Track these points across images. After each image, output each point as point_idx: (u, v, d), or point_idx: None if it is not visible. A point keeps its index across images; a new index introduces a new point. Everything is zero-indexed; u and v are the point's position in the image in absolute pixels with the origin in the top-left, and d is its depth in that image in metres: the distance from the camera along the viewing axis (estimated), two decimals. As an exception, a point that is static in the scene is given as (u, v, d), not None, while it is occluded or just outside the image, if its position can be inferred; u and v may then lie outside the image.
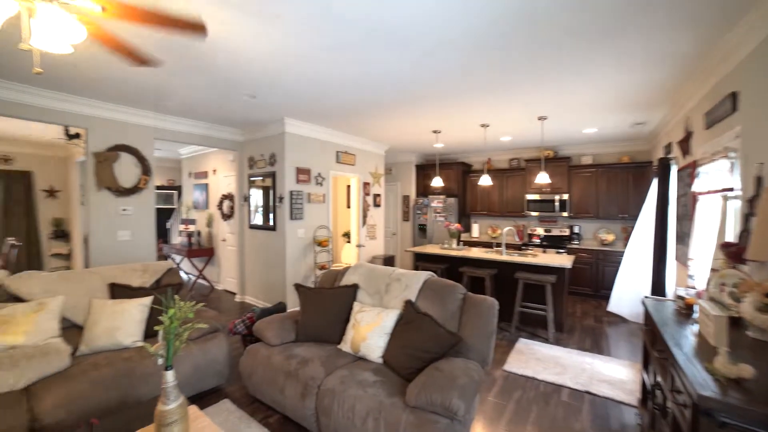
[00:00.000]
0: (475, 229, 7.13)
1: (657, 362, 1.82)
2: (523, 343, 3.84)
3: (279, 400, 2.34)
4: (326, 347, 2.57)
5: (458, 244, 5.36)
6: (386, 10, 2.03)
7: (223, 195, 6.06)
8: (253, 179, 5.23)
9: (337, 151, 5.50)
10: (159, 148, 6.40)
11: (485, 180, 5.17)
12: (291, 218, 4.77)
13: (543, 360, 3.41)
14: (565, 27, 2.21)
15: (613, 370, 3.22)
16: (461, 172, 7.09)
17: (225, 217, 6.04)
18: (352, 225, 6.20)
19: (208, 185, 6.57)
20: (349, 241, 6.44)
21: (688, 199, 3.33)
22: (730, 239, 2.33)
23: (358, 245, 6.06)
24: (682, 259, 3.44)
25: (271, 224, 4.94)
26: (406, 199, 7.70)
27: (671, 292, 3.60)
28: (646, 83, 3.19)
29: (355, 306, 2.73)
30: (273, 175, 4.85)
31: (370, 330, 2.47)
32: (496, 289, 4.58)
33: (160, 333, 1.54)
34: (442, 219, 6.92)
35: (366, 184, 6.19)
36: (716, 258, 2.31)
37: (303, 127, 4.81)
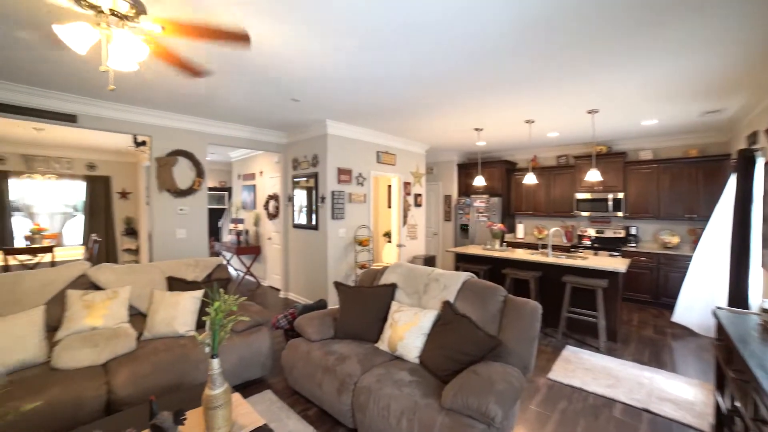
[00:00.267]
0: (520, 230, 6.83)
1: (734, 384, 1.61)
2: (571, 351, 3.61)
3: (317, 394, 2.41)
4: (364, 345, 2.59)
5: (501, 245, 5.17)
6: (427, 6, 2.01)
7: (269, 195, 6.37)
8: (296, 180, 5.44)
9: (377, 152, 5.55)
10: (212, 152, 6.90)
11: (530, 178, 4.94)
12: (332, 218, 4.89)
13: (593, 370, 3.18)
14: (620, 8, 2.04)
15: (679, 388, 2.89)
16: (505, 171, 6.84)
17: (271, 216, 6.34)
18: (392, 225, 6.22)
19: (255, 186, 6.93)
20: (389, 241, 6.47)
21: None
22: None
23: (399, 245, 6.06)
24: (769, 266, 3.03)
25: (313, 224, 5.10)
26: (447, 198, 7.58)
27: (756, 303, 3.18)
28: (720, 66, 2.82)
29: (393, 305, 2.74)
30: (315, 176, 5.01)
31: (408, 330, 2.46)
32: (541, 292, 4.35)
33: (207, 323, 1.65)
34: (484, 219, 6.72)
35: (407, 183, 6.18)
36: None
37: (344, 128, 4.91)
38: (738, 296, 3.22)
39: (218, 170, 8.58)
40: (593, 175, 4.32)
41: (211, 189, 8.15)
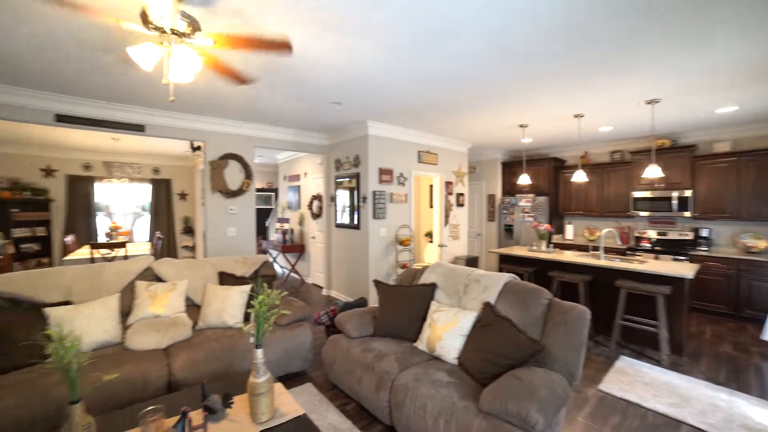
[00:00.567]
0: (569, 231, 6.45)
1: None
2: (626, 362, 3.33)
3: (356, 390, 2.46)
4: (402, 344, 2.60)
5: (548, 246, 4.91)
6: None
7: (313, 196, 6.59)
8: (339, 180, 5.58)
9: (418, 151, 5.53)
10: (260, 155, 7.28)
11: (579, 176, 4.65)
12: (374, 217, 4.95)
13: (653, 385, 2.90)
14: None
15: (769, 418, 2.49)
16: (553, 169, 6.49)
17: (314, 216, 6.55)
18: (434, 225, 6.16)
19: (300, 187, 7.21)
20: (431, 241, 6.41)
21: None
22: None
23: (440, 245, 5.99)
24: None
25: (355, 223, 5.20)
26: (491, 198, 7.36)
27: None
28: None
29: (433, 305, 2.72)
30: (357, 176, 5.10)
31: (447, 330, 2.42)
32: (591, 297, 4.08)
33: (252, 315, 1.75)
34: (530, 219, 6.43)
35: (448, 183, 6.09)
36: None
37: (385, 128, 4.96)
38: None
39: (265, 172, 9.04)
40: (653, 172, 3.97)
41: (258, 190, 8.62)
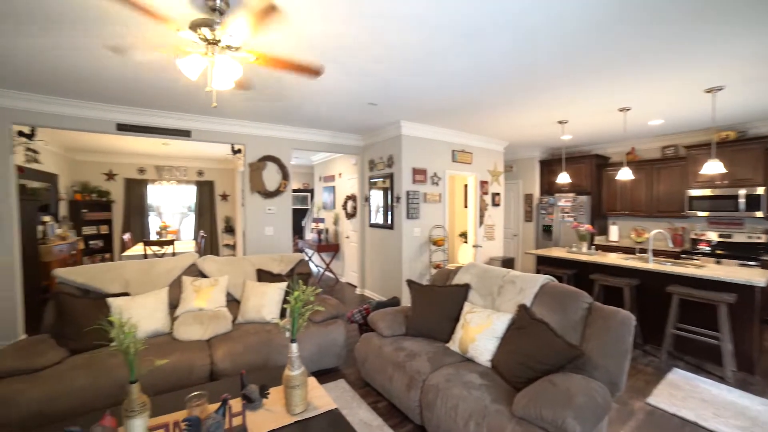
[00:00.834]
0: (614, 232, 6.06)
1: None
2: (680, 375, 3.08)
3: (387, 388, 2.47)
4: (434, 344, 2.58)
5: (590, 247, 4.66)
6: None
7: (347, 196, 6.70)
8: (373, 181, 5.63)
9: (453, 150, 5.46)
10: (296, 157, 7.52)
11: (625, 174, 4.36)
12: (407, 217, 4.95)
13: (713, 404, 2.62)
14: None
15: None
16: (595, 166, 6.14)
17: (349, 216, 6.66)
18: (468, 225, 6.05)
19: (334, 187, 7.36)
20: (465, 242, 6.30)
21: None
22: None
23: (475, 246, 5.87)
24: None
25: (388, 223, 5.23)
26: (528, 197, 7.11)
27: None
28: None
29: (466, 306, 2.68)
30: (391, 177, 5.13)
31: (480, 332, 2.38)
32: (638, 303, 3.81)
33: (287, 311, 1.82)
34: (570, 219, 6.13)
35: (484, 182, 5.95)
36: None
37: (419, 128, 4.95)
38: None
39: (302, 173, 9.32)
40: (713, 167, 3.63)
41: (295, 191, 8.89)
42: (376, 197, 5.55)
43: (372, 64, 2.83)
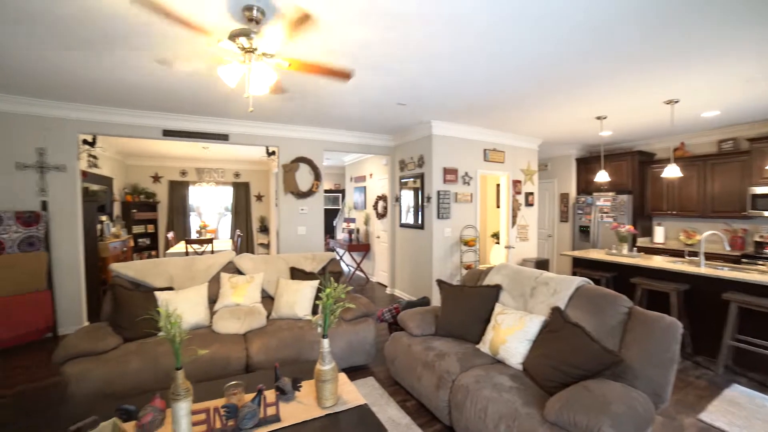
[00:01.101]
0: (659, 233, 5.68)
1: None
2: (739, 392, 2.81)
3: (416, 387, 2.48)
4: (464, 344, 2.56)
5: (631, 249, 4.41)
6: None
7: (378, 196, 6.76)
8: (403, 181, 5.65)
9: (484, 150, 5.36)
10: (328, 158, 7.68)
11: (672, 171, 4.07)
12: (438, 217, 4.92)
13: (781, 425, 2.38)
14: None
15: None
16: (638, 164, 5.79)
17: (379, 216, 6.72)
18: (501, 225, 5.91)
19: (365, 188, 7.45)
20: (497, 242, 6.17)
21: None
22: None
23: (507, 246, 5.73)
24: None
25: (419, 223, 5.22)
26: (564, 197, 6.83)
27: None
28: None
29: (497, 307, 2.63)
30: (421, 177, 5.12)
31: (511, 334, 2.33)
32: (687, 310, 3.55)
33: (319, 307, 1.88)
34: (609, 220, 5.83)
35: (516, 182, 5.80)
36: None
37: (449, 127, 4.91)
38: None
39: (333, 174, 9.50)
40: (774, 163, 3.33)
41: (326, 191, 9.09)
42: (407, 197, 5.56)
43: (401, 64, 2.85)
